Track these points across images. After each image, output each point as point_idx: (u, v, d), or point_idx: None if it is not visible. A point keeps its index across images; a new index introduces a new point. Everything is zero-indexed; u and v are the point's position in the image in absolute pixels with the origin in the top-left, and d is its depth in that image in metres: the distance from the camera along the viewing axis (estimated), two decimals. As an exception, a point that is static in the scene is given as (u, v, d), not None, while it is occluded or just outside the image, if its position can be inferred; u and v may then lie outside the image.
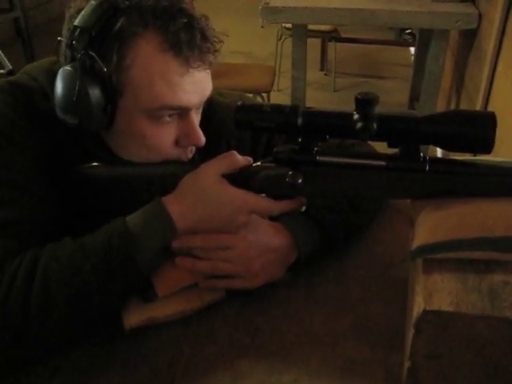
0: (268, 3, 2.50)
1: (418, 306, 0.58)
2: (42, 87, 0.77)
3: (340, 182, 0.69)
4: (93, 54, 0.69)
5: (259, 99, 2.91)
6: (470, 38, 2.42)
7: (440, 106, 2.95)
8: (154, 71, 0.71)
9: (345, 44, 4.17)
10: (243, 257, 0.73)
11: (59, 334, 0.66)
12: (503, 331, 0.56)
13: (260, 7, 2.48)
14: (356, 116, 0.65)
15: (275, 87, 3.88)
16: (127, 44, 0.69)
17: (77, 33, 0.69)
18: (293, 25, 2.71)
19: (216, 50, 0.75)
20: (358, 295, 0.79)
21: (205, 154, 0.77)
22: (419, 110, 2.67)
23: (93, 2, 0.70)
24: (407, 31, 4.55)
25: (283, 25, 3.64)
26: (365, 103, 0.64)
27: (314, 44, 4.13)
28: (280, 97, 3.75)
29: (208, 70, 0.75)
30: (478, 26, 2.28)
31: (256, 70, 3.08)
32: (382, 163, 0.68)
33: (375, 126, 0.64)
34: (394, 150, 0.68)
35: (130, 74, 0.71)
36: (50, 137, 0.76)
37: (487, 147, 0.62)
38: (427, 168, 0.66)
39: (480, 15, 2.27)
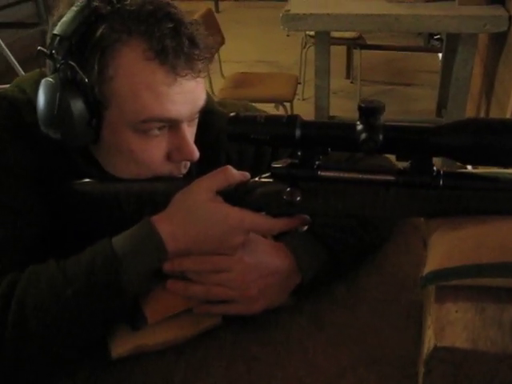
0: (289, 10, 2.45)
1: (429, 341, 0.51)
2: (29, 99, 0.73)
3: (344, 199, 0.62)
4: (73, 63, 0.64)
5: (281, 109, 2.85)
6: (499, 41, 2.32)
7: (469, 113, 2.84)
8: (139, 81, 0.65)
9: (371, 51, 4.09)
10: (239, 281, 0.67)
11: (37, 360, 0.61)
12: (528, 373, 0.48)
13: (281, 14, 2.43)
14: (360, 126, 0.58)
15: (300, 96, 3.84)
16: (109, 52, 0.64)
17: (56, 41, 0.65)
18: (315, 32, 2.65)
19: (207, 57, 0.69)
20: (368, 321, 0.72)
21: (202, 169, 0.71)
22: (447, 118, 2.56)
23: (73, 9, 0.65)
24: (436, 37, 4.43)
25: (307, 33, 3.58)
26: (369, 112, 0.57)
27: (339, 52, 4.07)
28: (305, 106, 3.69)
29: (200, 79, 0.70)
30: (508, 28, 2.18)
31: (278, 79, 3.03)
32: (391, 178, 0.61)
33: (381, 137, 0.58)
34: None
35: (114, 84, 0.66)
36: (36, 151, 0.71)
37: (507, 160, 0.55)
38: (441, 183, 0.59)
39: (510, 18, 2.17)
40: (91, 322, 0.62)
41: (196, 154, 0.72)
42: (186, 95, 0.68)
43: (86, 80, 0.65)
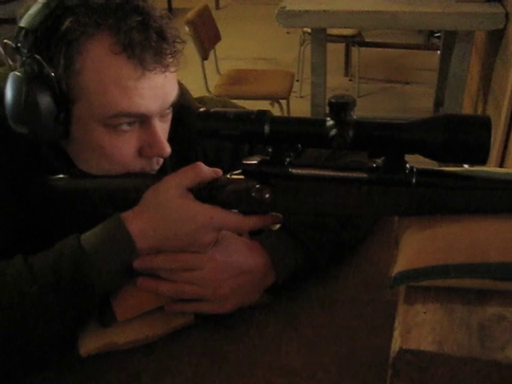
0: (284, 7, 2.43)
1: (395, 343, 0.50)
2: (1, 94, 0.72)
3: (315, 196, 0.61)
4: (38, 57, 0.63)
5: (276, 106, 2.84)
6: (496, 38, 2.30)
7: (466, 110, 2.82)
8: (106, 76, 0.64)
9: (370, 49, 4.07)
10: (211, 279, 0.66)
11: (3, 356, 0.60)
12: (494, 377, 0.47)
13: (276, 11, 2.41)
14: (330, 122, 0.57)
15: (298, 94, 3.82)
16: (75, 46, 0.63)
17: (22, 34, 0.63)
18: (311, 29, 2.63)
19: (176, 51, 0.68)
20: (344, 322, 0.71)
21: (178, 166, 0.70)
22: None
23: (40, 1, 0.64)
24: (436, 34, 4.41)
25: (305, 30, 3.56)
26: (339, 108, 0.56)
27: (338, 49, 4.05)
28: (302, 103, 3.66)
29: (169, 74, 0.68)
30: (505, 26, 2.16)
31: (274, 76, 3.01)
32: (363, 175, 0.60)
33: (351, 133, 0.56)
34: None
35: (81, 79, 0.64)
36: (8, 146, 0.70)
37: (481, 157, 0.54)
38: (414, 180, 0.58)
39: (507, 15, 2.15)
40: (58, 319, 0.61)
41: (167, 149, 0.70)
42: (155, 90, 0.67)
43: (53, 74, 0.63)
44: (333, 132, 0.57)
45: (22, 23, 0.64)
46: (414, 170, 0.58)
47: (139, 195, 0.66)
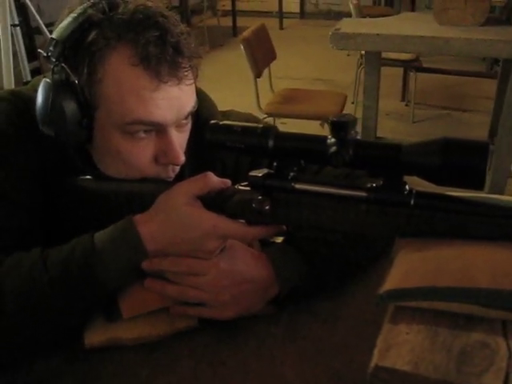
0: (339, 29, 2.45)
1: (373, 360, 0.50)
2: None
3: (315, 212, 0.62)
4: (64, 65, 0.68)
5: (326, 127, 2.85)
6: (557, 70, 2.22)
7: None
8: (125, 85, 0.68)
9: (429, 75, 4.01)
10: (213, 285, 0.69)
11: (11, 340, 0.64)
12: (467, 403, 0.46)
13: (330, 33, 2.44)
14: (330, 140, 0.59)
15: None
16: (98, 57, 0.68)
17: (52, 44, 0.69)
18: (365, 52, 2.63)
19: (192, 66, 0.72)
20: (344, 338, 0.71)
21: (194, 174, 0.73)
22: (497, 146, 2.48)
23: (71, 15, 0.69)
24: (499, 62, 4.29)
25: (362, 52, 3.56)
26: (339, 126, 0.58)
27: (396, 73, 4.02)
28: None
29: (185, 86, 0.72)
30: None
31: (326, 97, 3.02)
32: (363, 194, 0.61)
33: (351, 151, 0.58)
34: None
35: (102, 87, 0.69)
36: (38, 147, 0.76)
37: (477, 182, 0.53)
38: (412, 202, 0.58)
39: None
40: (66, 310, 0.65)
41: (181, 158, 0.74)
42: (171, 101, 0.70)
43: (77, 82, 0.69)
44: (332, 150, 0.58)
45: (54, 34, 0.70)
46: (414, 191, 0.59)
47: (154, 200, 0.69)
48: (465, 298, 0.51)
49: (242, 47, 2.66)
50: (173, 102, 0.71)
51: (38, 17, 2.87)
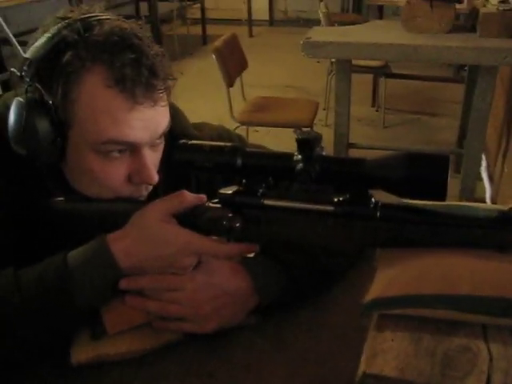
0: (310, 38, 2.49)
1: (360, 367, 0.52)
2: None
3: (285, 227, 0.64)
4: (38, 86, 0.68)
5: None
6: (521, 74, 2.30)
7: (492, 144, 2.81)
8: (99, 106, 0.69)
9: (398, 80, 4.09)
10: (192, 299, 0.70)
11: None
12: (451, 406, 0.48)
13: (301, 42, 2.47)
14: (297, 157, 0.61)
15: (324, 122, 3.86)
16: (73, 77, 0.68)
17: (26, 64, 0.69)
18: (336, 60, 2.67)
19: (166, 88, 0.72)
20: (329, 346, 0.73)
21: (169, 191, 0.74)
22: (466, 149, 2.54)
23: (46, 35, 0.69)
24: (465, 68, 4.40)
25: (332, 60, 3.61)
26: (304, 144, 0.60)
27: (366, 80, 4.09)
28: (327, 131, 3.69)
29: (159, 108, 0.72)
30: (528, 62, 2.16)
31: (298, 105, 3.05)
32: (330, 208, 0.62)
33: (317, 167, 0.60)
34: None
35: (76, 107, 0.69)
36: (9, 168, 0.75)
37: (439, 193, 0.56)
38: (378, 215, 0.60)
39: (530, 51, 2.15)
40: (40, 329, 0.64)
41: (155, 178, 0.74)
42: (145, 122, 0.71)
43: (51, 102, 0.68)
44: (299, 167, 0.60)
45: (28, 54, 0.70)
46: (379, 203, 0.61)
47: (127, 219, 0.69)
48: (446, 304, 0.53)
49: (213, 57, 2.67)
50: (147, 122, 0.71)
51: (5, 27, 2.83)
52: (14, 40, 2.79)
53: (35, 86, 0.68)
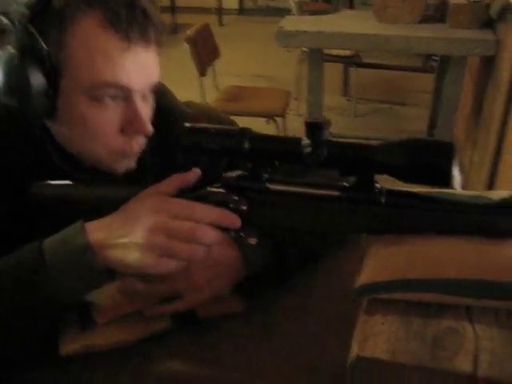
0: (282, 27, 2.49)
1: (352, 350, 0.53)
2: None
3: (289, 211, 0.64)
4: (33, 30, 0.67)
5: (272, 123, 2.89)
6: (489, 65, 2.35)
7: (461, 133, 2.87)
8: (94, 47, 0.68)
9: (369, 70, 4.13)
10: (185, 269, 0.69)
11: None
12: (442, 385, 0.50)
13: (275, 31, 2.47)
14: (305, 141, 0.61)
15: (296, 112, 3.87)
16: (68, 21, 0.68)
17: (19, 9, 0.68)
18: (308, 49, 2.69)
19: (159, 30, 0.73)
20: (315, 332, 0.74)
21: (163, 170, 0.71)
22: (436, 137, 2.59)
23: None
24: (434, 57, 4.47)
25: (303, 49, 3.62)
26: (314, 128, 0.60)
27: (337, 69, 4.12)
28: (299, 121, 3.72)
29: (154, 54, 0.73)
30: (496, 52, 2.21)
31: (270, 94, 3.06)
32: (335, 193, 0.63)
33: (325, 152, 0.60)
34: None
35: (70, 50, 0.68)
36: (14, 144, 0.74)
37: (444, 179, 0.57)
38: (383, 200, 0.61)
39: (498, 42, 2.20)
40: (18, 322, 0.62)
41: (148, 127, 0.73)
42: (139, 65, 0.71)
43: (45, 47, 0.68)
44: (307, 150, 0.60)
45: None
46: (384, 190, 0.62)
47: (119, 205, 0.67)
48: (434, 287, 0.55)
49: (186, 46, 2.65)
50: (140, 65, 0.71)
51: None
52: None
53: (28, 31, 0.67)
